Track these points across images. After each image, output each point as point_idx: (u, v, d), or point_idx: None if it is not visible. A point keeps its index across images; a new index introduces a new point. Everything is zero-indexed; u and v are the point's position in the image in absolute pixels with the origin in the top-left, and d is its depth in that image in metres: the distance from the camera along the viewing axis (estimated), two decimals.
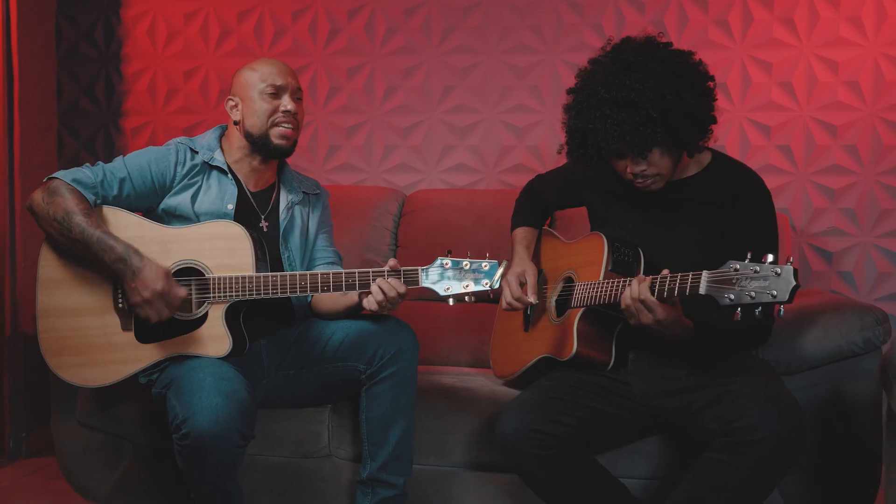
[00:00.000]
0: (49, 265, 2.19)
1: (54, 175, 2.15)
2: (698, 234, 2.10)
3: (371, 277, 2.12)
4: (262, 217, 2.32)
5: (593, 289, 2.08)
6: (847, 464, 2.17)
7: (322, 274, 2.12)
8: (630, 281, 1.95)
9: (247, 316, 2.20)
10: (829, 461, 2.18)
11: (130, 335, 2.16)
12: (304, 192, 2.43)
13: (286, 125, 2.25)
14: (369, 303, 2.11)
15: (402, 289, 2.08)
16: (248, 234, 2.17)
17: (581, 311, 2.13)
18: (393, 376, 2.18)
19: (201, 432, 1.91)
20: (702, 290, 1.76)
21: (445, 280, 2.10)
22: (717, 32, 3.11)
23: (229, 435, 1.94)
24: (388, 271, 2.09)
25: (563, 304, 2.26)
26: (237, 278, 2.13)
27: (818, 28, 3.03)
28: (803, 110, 3.05)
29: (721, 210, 2.07)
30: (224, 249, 2.17)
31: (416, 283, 2.11)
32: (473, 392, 2.40)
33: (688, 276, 1.81)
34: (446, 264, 2.09)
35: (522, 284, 2.27)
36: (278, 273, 2.14)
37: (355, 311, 2.26)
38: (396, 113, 3.35)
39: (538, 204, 2.50)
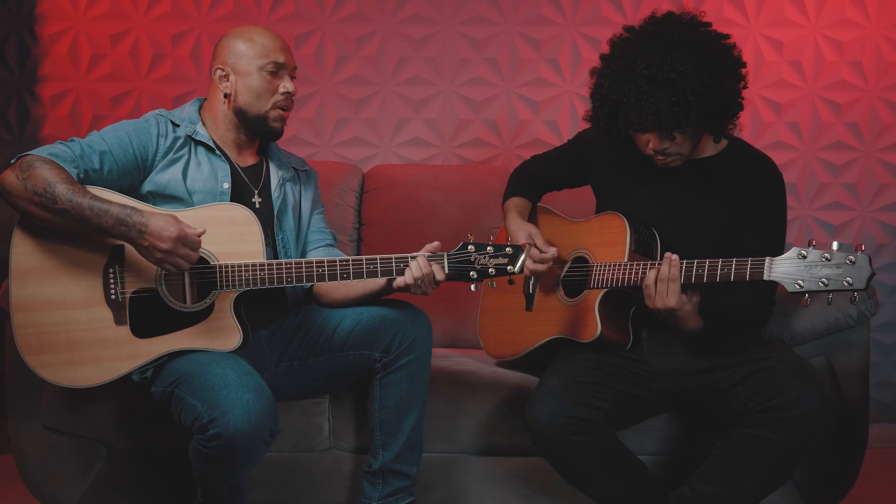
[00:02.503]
0: (24, 252, 1.96)
1: (24, 153, 1.92)
2: (711, 215, 2.13)
3: (395, 262, 2.01)
4: (256, 192, 2.16)
5: (618, 270, 2.08)
6: (838, 431, 2.28)
7: (353, 260, 1.99)
8: (657, 263, 1.95)
9: (244, 305, 2.05)
10: None
11: (125, 329, 1.96)
12: (293, 167, 2.28)
13: (285, 108, 2.12)
14: (401, 281, 1.99)
15: (440, 275, 1.99)
16: (256, 218, 2.02)
17: (603, 292, 2.12)
18: (410, 364, 2.10)
19: (235, 432, 1.76)
20: (766, 276, 1.78)
21: (469, 264, 2.03)
22: (733, 11, 3.16)
23: (261, 433, 1.82)
24: (428, 255, 2.00)
25: (573, 285, 2.24)
26: (250, 266, 1.98)
27: (825, 8, 3.15)
28: (811, 88, 3.17)
29: (737, 193, 2.11)
30: (230, 235, 2.01)
31: (443, 269, 2.02)
32: (479, 376, 2.35)
33: (744, 261, 1.82)
34: (471, 248, 2.02)
35: None
36: (294, 261, 2.00)
37: (371, 299, 2.15)
38: (348, 84, 3.21)
39: (533, 182, 2.46)
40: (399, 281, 2.01)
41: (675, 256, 1.93)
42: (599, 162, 2.29)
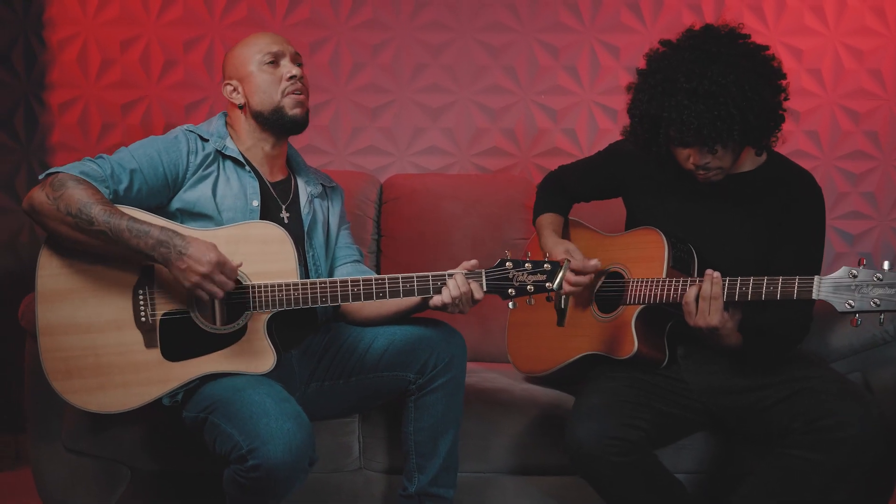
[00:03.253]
0: (51, 274, 1.90)
1: (55, 170, 1.86)
2: (748, 231, 2.10)
3: (432, 280, 1.97)
4: (284, 207, 2.11)
5: (655, 286, 2.04)
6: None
7: (389, 278, 1.95)
8: (698, 280, 1.92)
9: (273, 324, 2.00)
10: None
11: (156, 353, 1.91)
12: (321, 183, 2.23)
13: (297, 92, 2.06)
14: (438, 300, 1.95)
15: (479, 294, 1.95)
16: (289, 236, 1.97)
17: (640, 308, 2.09)
18: (445, 385, 2.05)
19: (276, 462, 1.71)
20: (815, 295, 1.75)
21: (507, 282, 1.98)
22: (752, 18, 3.13)
23: (301, 462, 1.77)
24: (465, 273, 1.95)
25: (608, 300, 2.20)
26: (283, 286, 1.93)
27: (845, 16, 3.12)
28: (830, 97, 3.14)
29: (775, 209, 2.08)
30: (262, 254, 1.96)
31: (481, 287, 1.98)
32: (510, 394, 2.31)
33: (792, 280, 1.79)
34: (509, 265, 1.98)
35: None
36: (329, 280, 1.95)
37: (404, 317, 2.10)
38: (364, 91, 3.15)
39: (562, 193, 2.42)
40: (436, 300, 1.96)
41: (717, 274, 1.90)
42: (633, 175, 2.25)
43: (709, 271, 1.91)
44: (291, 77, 2.04)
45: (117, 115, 3.10)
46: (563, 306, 2.31)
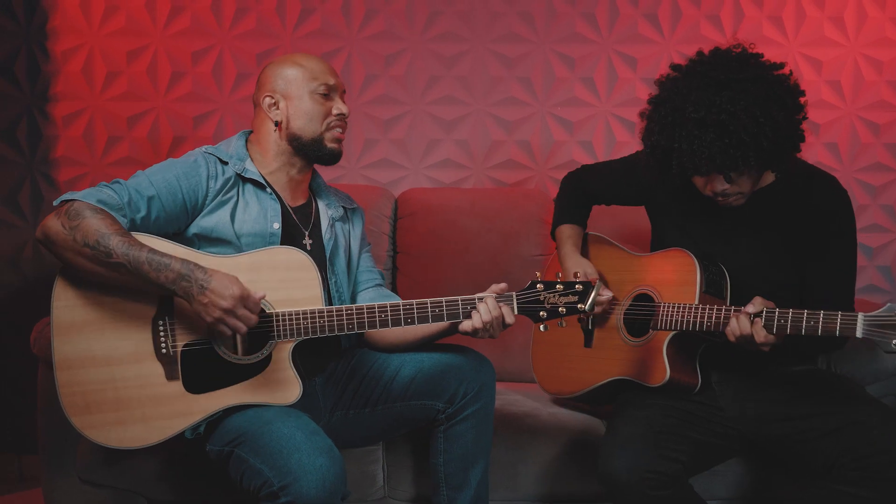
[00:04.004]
0: (66, 306, 1.82)
1: (70, 197, 1.79)
2: (777, 247, 2.05)
3: (462, 305, 1.91)
4: (307, 233, 2.04)
5: (688, 312, 1.99)
6: None
7: (417, 303, 1.89)
8: (733, 310, 1.87)
9: (297, 352, 1.93)
10: None
11: (178, 385, 1.84)
12: (342, 206, 2.16)
13: (339, 129, 2.02)
14: (468, 325, 1.89)
15: (511, 318, 1.89)
16: (313, 262, 1.90)
17: (671, 334, 2.03)
18: (476, 414, 2.00)
19: (309, 500, 1.65)
20: (859, 334, 1.69)
21: (539, 304, 1.93)
22: (772, 29, 3.08)
23: (334, 498, 1.70)
24: (496, 296, 1.89)
25: (636, 323, 2.15)
26: (308, 313, 1.86)
27: (865, 27, 3.07)
28: (850, 108, 3.09)
29: (802, 220, 2.02)
30: (286, 281, 1.89)
31: (512, 310, 1.92)
32: (537, 419, 2.26)
33: (834, 316, 1.73)
34: (540, 287, 1.92)
35: None
36: (355, 306, 1.89)
37: (429, 342, 2.05)
38: (376, 103, 3.08)
39: (583, 198, 2.37)
40: (466, 325, 1.90)
41: (754, 309, 1.84)
42: (658, 190, 2.19)
43: (750, 310, 1.85)
44: (340, 115, 2.01)
45: (123, 128, 3.02)
46: (590, 327, 2.26)
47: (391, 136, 3.09)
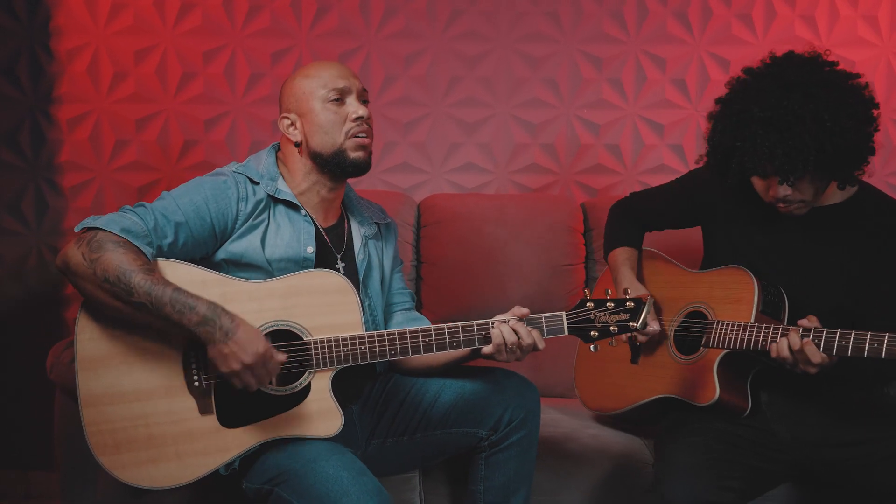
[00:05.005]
0: (91, 339, 1.71)
1: (92, 224, 1.66)
2: (839, 268, 1.97)
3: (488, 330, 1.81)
4: (339, 257, 1.93)
5: (742, 331, 1.91)
6: None
7: (463, 326, 1.79)
8: (788, 331, 1.81)
9: (334, 379, 1.83)
10: None
11: (212, 419, 1.73)
12: (375, 222, 2.05)
13: (361, 134, 1.86)
14: (488, 349, 1.80)
15: (541, 343, 1.79)
16: (351, 285, 1.79)
17: (724, 352, 1.95)
18: (520, 442, 1.91)
19: None
20: None
21: (590, 323, 1.83)
22: (804, 29, 2.98)
23: None
24: (517, 319, 1.79)
25: (687, 340, 2.07)
26: (349, 340, 1.76)
27: None
28: (882, 109, 2.99)
29: (868, 244, 1.94)
30: (323, 306, 1.79)
31: (562, 330, 1.82)
32: (579, 442, 2.17)
33: (882, 337, 1.66)
34: (590, 305, 1.82)
35: None
36: (397, 331, 1.79)
37: (453, 367, 1.95)
38: (396, 105, 2.96)
39: (636, 223, 2.29)
40: (487, 349, 1.80)
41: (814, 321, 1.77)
42: (714, 206, 2.11)
43: (801, 331, 1.78)
44: (358, 118, 1.85)
45: (131, 132, 2.89)
46: (637, 343, 2.18)
47: (411, 140, 2.98)
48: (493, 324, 1.79)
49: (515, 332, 1.77)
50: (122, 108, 2.88)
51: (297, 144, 1.88)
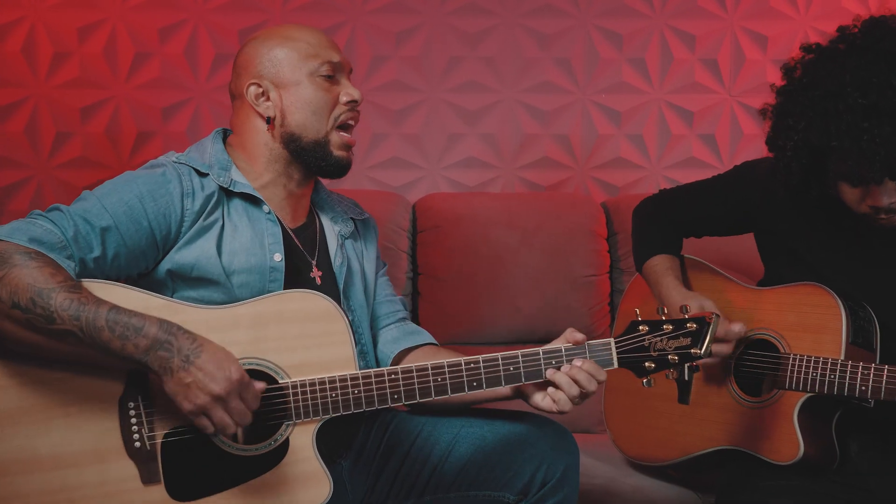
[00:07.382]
0: None
1: None
2: None
3: (544, 361, 1.43)
4: (314, 264, 1.57)
5: (833, 371, 1.56)
6: None
7: (485, 360, 1.42)
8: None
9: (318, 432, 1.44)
10: None
11: (160, 490, 1.34)
12: (351, 217, 1.69)
13: (350, 122, 1.58)
14: (550, 403, 1.44)
15: (602, 376, 1.44)
16: (341, 311, 1.41)
17: (805, 396, 1.59)
18: None
19: None
20: None
21: (644, 352, 1.45)
22: (781, 1, 2.67)
23: None
24: (572, 349, 1.43)
25: (750, 376, 1.70)
26: (339, 383, 1.40)
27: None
28: None
29: None
30: (304, 338, 1.42)
31: (610, 363, 1.45)
32: (620, 496, 1.83)
33: None
34: (643, 329, 1.45)
35: None
36: (402, 369, 1.41)
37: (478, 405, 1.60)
38: (386, 90, 2.65)
39: (670, 227, 1.90)
40: (543, 405, 1.46)
41: None
42: (776, 212, 1.74)
43: None
44: (351, 101, 1.55)
45: (76, 122, 2.53)
46: (687, 378, 1.78)
47: (403, 131, 2.66)
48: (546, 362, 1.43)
49: (586, 376, 1.42)
50: (64, 94, 2.52)
51: (269, 121, 1.53)
